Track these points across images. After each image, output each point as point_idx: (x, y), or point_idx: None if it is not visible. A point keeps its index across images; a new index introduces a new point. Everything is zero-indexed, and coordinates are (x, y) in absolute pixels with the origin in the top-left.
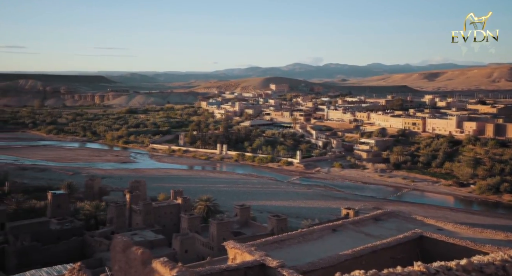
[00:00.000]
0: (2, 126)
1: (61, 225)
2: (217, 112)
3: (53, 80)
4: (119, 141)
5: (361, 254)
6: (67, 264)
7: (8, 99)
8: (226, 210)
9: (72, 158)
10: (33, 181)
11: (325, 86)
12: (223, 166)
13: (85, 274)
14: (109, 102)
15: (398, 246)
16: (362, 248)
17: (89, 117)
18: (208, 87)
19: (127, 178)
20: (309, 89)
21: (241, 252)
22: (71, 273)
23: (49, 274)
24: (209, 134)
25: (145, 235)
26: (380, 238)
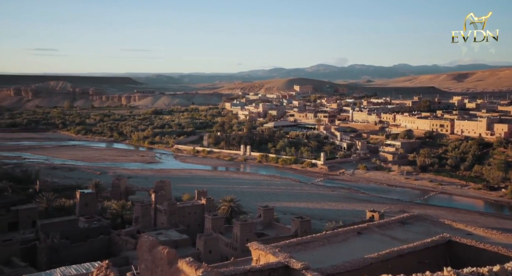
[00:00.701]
0: (34, 127)
1: (89, 224)
2: (241, 113)
3: (82, 81)
4: (145, 142)
5: (387, 258)
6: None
7: (40, 100)
8: (249, 211)
9: (100, 158)
10: (63, 180)
11: (349, 87)
12: (246, 167)
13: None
14: (135, 103)
15: (426, 250)
16: (388, 251)
17: (116, 118)
18: (232, 88)
19: (152, 178)
20: (333, 90)
21: (265, 253)
22: (99, 271)
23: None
24: (233, 135)
25: (169, 235)
26: (406, 242)
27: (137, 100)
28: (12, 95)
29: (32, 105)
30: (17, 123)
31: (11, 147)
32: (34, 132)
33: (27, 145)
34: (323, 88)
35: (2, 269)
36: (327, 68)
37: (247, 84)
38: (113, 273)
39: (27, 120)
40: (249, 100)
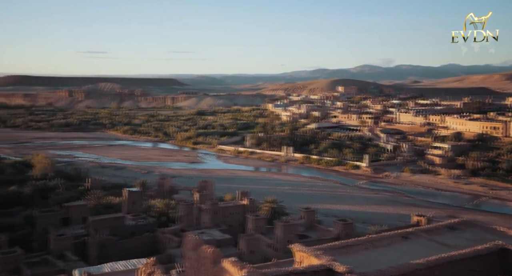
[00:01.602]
0: (84, 126)
1: (136, 221)
2: (283, 114)
3: (130, 83)
4: (188, 142)
5: (435, 264)
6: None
7: (90, 101)
8: (291, 212)
9: (145, 157)
10: (111, 179)
11: (395, 88)
12: (288, 168)
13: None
14: (180, 104)
15: (477, 258)
16: (436, 258)
17: (161, 118)
18: (275, 90)
19: (195, 178)
20: (378, 91)
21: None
22: (146, 267)
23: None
24: (275, 136)
25: (212, 234)
26: (456, 248)
27: (181, 101)
28: (66, 96)
29: (83, 105)
30: (70, 123)
31: (64, 146)
32: (85, 132)
33: (78, 144)
34: (367, 89)
35: (56, 262)
36: (372, 68)
37: (289, 85)
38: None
39: (79, 120)
40: (291, 101)
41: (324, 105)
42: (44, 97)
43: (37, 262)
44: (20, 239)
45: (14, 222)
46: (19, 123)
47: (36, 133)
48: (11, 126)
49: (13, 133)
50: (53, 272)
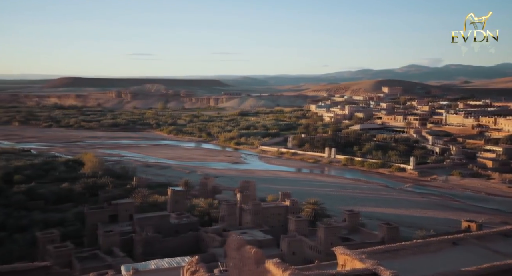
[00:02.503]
0: (131, 126)
1: (179, 220)
2: (326, 115)
3: (175, 84)
4: (231, 142)
5: (487, 272)
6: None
7: (137, 102)
8: (333, 214)
9: (189, 157)
10: (156, 178)
11: (443, 88)
12: (331, 170)
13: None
14: (223, 105)
15: None
16: (489, 266)
17: (205, 119)
18: (318, 90)
19: (237, 178)
20: (425, 92)
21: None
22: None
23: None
24: (318, 137)
25: (254, 235)
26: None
27: (225, 101)
28: (114, 97)
29: (131, 106)
30: (118, 123)
31: (112, 145)
32: (132, 132)
33: (126, 144)
34: (414, 90)
35: (105, 257)
36: (418, 68)
37: (332, 86)
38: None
39: (126, 120)
40: (334, 102)
41: (368, 106)
42: (94, 98)
43: (87, 257)
44: (71, 234)
45: (66, 218)
46: (71, 123)
47: (87, 133)
48: (64, 125)
49: (66, 133)
50: (102, 267)
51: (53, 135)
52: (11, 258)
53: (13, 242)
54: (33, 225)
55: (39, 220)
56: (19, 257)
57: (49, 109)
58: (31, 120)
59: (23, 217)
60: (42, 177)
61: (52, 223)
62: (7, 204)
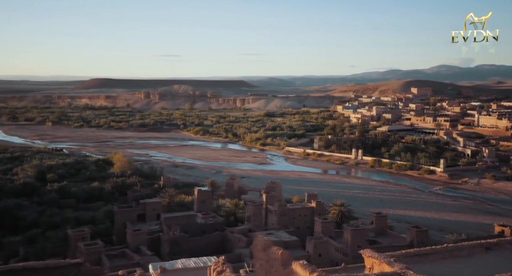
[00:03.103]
0: (159, 127)
1: (206, 220)
2: (353, 116)
3: (202, 85)
4: (257, 143)
5: None
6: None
7: (165, 103)
8: (360, 217)
9: (215, 157)
10: (183, 178)
11: (476, 89)
12: (358, 172)
13: (228, 267)
14: (249, 106)
15: None
16: None
17: (231, 120)
18: (345, 91)
19: (263, 179)
20: (456, 93)
21: (379, 262)
22: (216, 266)
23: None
24: (344, 138)
25: (280, 236)
26: None
27: (251, 102)
28: (143, 98)
29: (159, 107)
30: (146, 124)
31: (140, 146)
32: (160, 132)
33: (154, 144)
34: (444, 91)
35: (133, 256)
36: (449, 69)
37: (360, 86)
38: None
39: (154, 120)
40: (361, 103)
41: (396, 107)
42: (124, 99)
43: (116, 255)
44: (101, 233)
45: (96, 216)
46: (102, 123)
47: (117, 133)
48: (95, 126)
49: (97, 133)
50: (130, 265)
51: (84, 135)
52: (44, 254)
53: (46, 239)
54: (65, 223)
55: (71, 218)
56: (52, 254)
57: (80, 110)
58: (63, 120)
59: (56, 215)
60: (73, 176)
61: (83, 221)
62: (40, 202)
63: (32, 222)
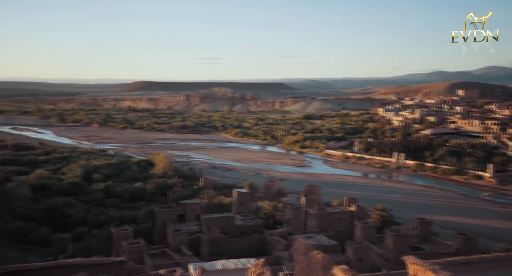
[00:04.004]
0: (199, 129)
1: (245, 222)
2: (394, 119)
3: (241, 87)
4: (296, 146)
5: None
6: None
7: (205, 105)
8: (402, 222)
9: (254, 159)
10: (221, 179)
11: None
12: (399, 176)
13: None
14: (288, 108)
15: None
16: None
17: (269, 122)
18: (386, 93)
19: (302, 181)
20: (506, 95)
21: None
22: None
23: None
24: (385, 141)
25: (319, 239)
26: None
27: (290, 105)
28: (183, 100)
29: (199, 109)
30: (186, 126)
31: (181, 147)
32: (199, 134)
33: (193, 146)
34: (493, 93)
35: (173, 255)
36: (499, 70)
37: (402, 88)
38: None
39: (194, 122)
40: (404, 106)
41: (440, 109)
42: (165, 101)
43: (157, 254)
44: (143, 232)
45: (139, 216)
46: (144, 125)
47: (158, 134)
48: (138, 127)
49: (140, 134)
50: (171, 264)
51: (127, 136)
52: (90, 251)
53: (92, 237)
54: (109, 221)
55: (115, 217)
56: (97, 251)
57: (124, 112)
58: (108, 122)
59: (101, 214)
60: (117, 176)
61: (126, 220)
62: (87, 201)
63: (79, 220)
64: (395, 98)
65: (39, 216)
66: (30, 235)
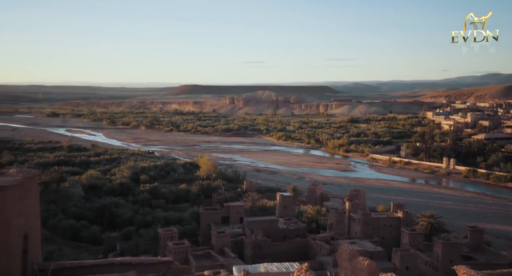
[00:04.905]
0: (243, 132)
1: (288, 225)
2: (444, 123)
3: (285, 90)
4: (340, 150)
5: None
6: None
7: (249, 108)
8: (452, 230)
9: (297, 163)
10: (265, 182)
11: None
12: (449, 182)
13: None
14: (332, 111)
15: None
16: None
17: (314, 125)
18: (435, 97)
19: (346, 186)
20: None
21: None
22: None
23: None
24: (435, 146)
25: (364, 245)
26: None
27: (334, 108)
28: (228, 103)
29: (243, 112)
30: (230, 129)
31: (225, 150)
32: (243, 137)
33: (237, 149)
34: None
35: (217, 257)
36: None
37: (453, 91)
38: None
39: (238, 126)
40: (454, 109)
41: (495, 113)
42: (210, 104)
43: (201, 255)
44: (188, 233)
45: (183, 217)
46: (189, 128)
47: (203, 137)
48: (183, 130)
49: (185, 137)
50: (215, 266)
51: (173, 139)
52: (138, 250)
53: (139, 236)
54: (155, 222)
55: (161, 217)
56: (144, 250)
57: (170, 115)
58: (155, 125)
59: (148, 214)
60: (163, 177)
61: (171, 221)
62: (134, 201)
63: (127, 219)
64: (445, 102)
65: (90, 215)
66: (81, 233)
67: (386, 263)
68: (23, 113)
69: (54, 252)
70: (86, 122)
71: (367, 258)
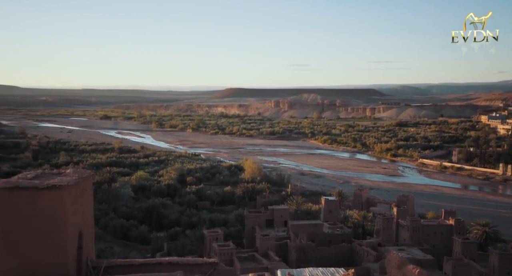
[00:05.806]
0: (288, 135)
1: (332, 230)
2: (500, 127)
3: (330, 94)
4: (387, 154)
5: None
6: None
7: (294, 111)
8: (509, 239)
9: (343, 167)
10: (309, 186)
11: None
12: (506, 189)
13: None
14: (380, 115)
15: None
16: None
17: (360, 129)
18: (491, 100)
19: (394, 191)
20: None
21: None
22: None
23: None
24: (490, 151)
25: (412, 253)
26: None
27: (381, 111)
28: (272, 106)
29: (287, 115)
30: (275, 132)
31: (269, 153)
32: (288, 140)
33: (282, 152)
34: None
35: (262, 260)
36: None
37: (510, 94)
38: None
39: (283, 129)
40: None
41: None
42: (255, 107)
43: (246, 258)
44: (232, 235)
45: (228, 219)
46: (234, 130)
47: (248, 140)
48: (228, 133)
49: (230, 139)
50: (259, 269)
51: (219, 141)
52: (184, 251)
53: (185, 237)
54: (201, 223)
55: (206, 219)
56: (190, 251)
57: (216, 118)
58: (201, 128)
59: (194, 215)
60: (209, 179)
61: (216, 222)
62: (181, 202)
63: (174, 220)
64: (502, 105)
65: (139, 215)
66: (131, 232)
67: (437, 272)
68: (78, 115)
69: (106, 250)
70: (135, 125)
71: (417, 266)
